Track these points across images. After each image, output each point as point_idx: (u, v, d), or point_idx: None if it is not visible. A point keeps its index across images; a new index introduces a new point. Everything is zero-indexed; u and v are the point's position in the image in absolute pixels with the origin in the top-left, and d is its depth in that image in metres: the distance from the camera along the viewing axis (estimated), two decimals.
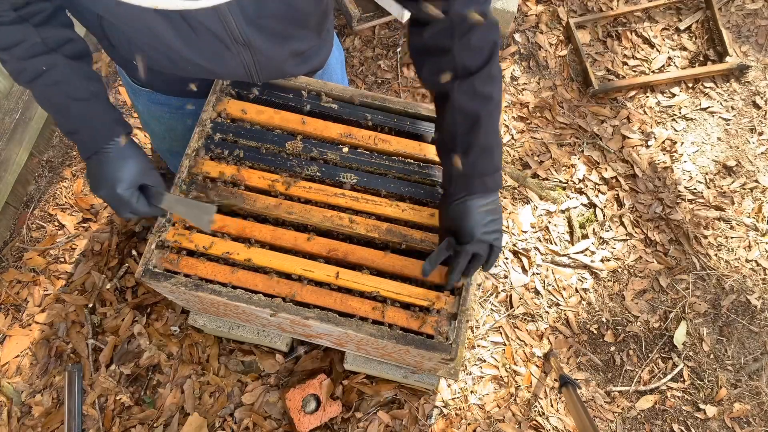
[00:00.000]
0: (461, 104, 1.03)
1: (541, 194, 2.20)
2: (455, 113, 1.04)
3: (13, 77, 1.04)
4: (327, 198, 1.23)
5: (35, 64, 1.00)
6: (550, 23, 2.52)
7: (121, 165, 1.07)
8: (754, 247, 2.15)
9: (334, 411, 1.78)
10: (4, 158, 1.98)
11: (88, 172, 1.10)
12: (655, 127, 2.33)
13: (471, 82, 1.01)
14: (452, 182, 1.08)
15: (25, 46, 0.98)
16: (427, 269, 1.10)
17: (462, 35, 0.99)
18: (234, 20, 0.98)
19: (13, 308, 1.95)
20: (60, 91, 1.03)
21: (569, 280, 2.08)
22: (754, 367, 1.99)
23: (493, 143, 1.05)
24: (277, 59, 1.15)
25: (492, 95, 1.03)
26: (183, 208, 1.15)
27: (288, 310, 1.14)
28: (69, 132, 1.08)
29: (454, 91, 1.03)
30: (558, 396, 1.91)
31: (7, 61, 1.01)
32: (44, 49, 1.00)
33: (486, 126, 1.03)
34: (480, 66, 1.01)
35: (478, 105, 1.02)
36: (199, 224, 1.14)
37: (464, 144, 1.04)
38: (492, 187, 1.06)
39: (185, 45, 1.01)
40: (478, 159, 1.04)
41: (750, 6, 2.55)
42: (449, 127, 1.06)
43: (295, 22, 1.08)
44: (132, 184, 1.08)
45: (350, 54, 2.41)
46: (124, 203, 1.08)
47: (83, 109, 1.05)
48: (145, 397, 1.85)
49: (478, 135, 1.03)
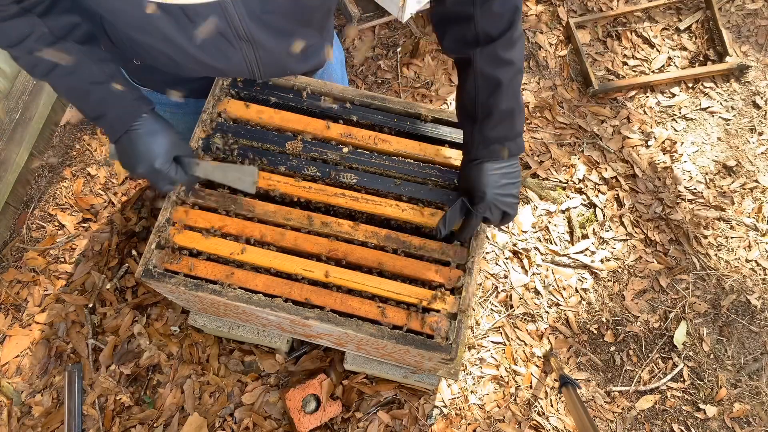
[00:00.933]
0: (483, 70, 1.03)
1: (541, 194, 2.20)
2: (477, 79, 1.04)
3: (28, 72, 1.04)
4: (327, 198, 1.23)
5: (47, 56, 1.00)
6: (550, 23, 2.52)
7: (153, 140, 1.08)
8: (754, 247, 2.15)
9: (334, 411, 1.78)
10: (4, 158, 1.98)
11: (120, 152, 1.10)
12: (655, 127, 2.33)
13: (493, 48, 1.02)
14: (472, 147, 1.09)
15: (33, 38, 0.97)
16: (441, 230, 1.13)
17: (483, 2, 1.00)
18: (237, 16, 0.98)
19: (13, 308, 1.95)
20: (78, 78, 1.03)
21: (569, 280, 2.08)
22: (754, 367, 1.99)
23: (515, 108, 1.06)
24: (279, 56, 1.15)
25: (513, 60, 1.03)
26: (222, 173, 1.16)
27: (288, 310, 1.14)
28: (94, 118, 1.08)
29: (476, 58, 1.03)
30: (558, 396, 1.91)
31: (19, 57, 1.01)
32: (53, 39, 0.99)
33: (507, 91, 1.04)
34: (502, 32, 1.01)
35: (500, 71, 1.03)
36: (242, 187, 1.15)
37: (485, 109, 1.05)
38: (513, 151, 1.07)
39: (187, 41, 1.01)
40: (499, 124, 1.05)
41: (750, 6, 2.55)
42: (471, 92, 1.06)
43: (299, 18, 1.08)
44: (168, 156, 1.09)
45: (350, 54, 2.42)
46: (163, 176, 1.09)
47: (104, 92, 1.05)
48: (145, 397, 1.85)
49: (500, 100, 1.04)
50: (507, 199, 1.08)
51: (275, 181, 1.23)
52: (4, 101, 1.99)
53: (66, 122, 2.23)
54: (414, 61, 2.41)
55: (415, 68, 2.40)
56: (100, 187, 2.12)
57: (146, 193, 2.11)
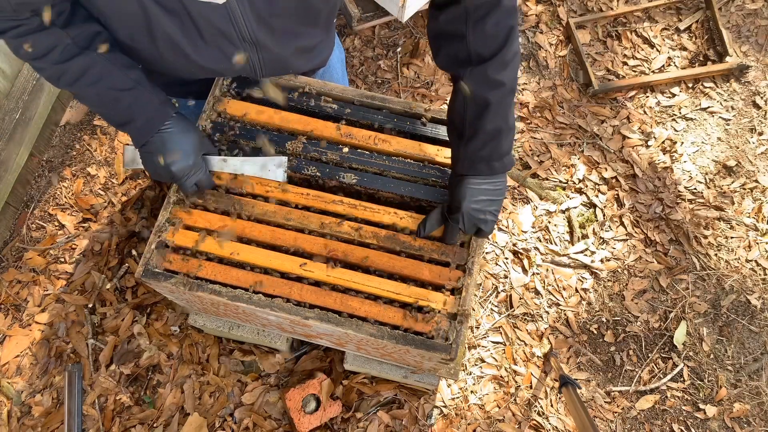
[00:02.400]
0: (472, 90, 1.03)
1: (541, 194, 2.20)
2: (466, 98, 1.04)
3: (52, 82, 1.05)
4: (325, 205, 1.22)
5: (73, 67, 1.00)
6: (550, 23, 2.52)
7: (184, 138, 1.10)
8: (754, 247, 2.15)
9: (334, 411, 1.78)
10: (4, 158, 1.98)
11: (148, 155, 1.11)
12: (655, 127, 2.33)
13: (484, 68, 1.01)
14: (458, 162, 1.10)
15: (59, 50, 0.98)
16: (421, 231, 1.18)
17: (476, 21, 0.99)
18: (243, 18, 0.97)
19: (13, 308, 1.95)
20: (105, 86, 1.04)
21: (569, 280, 2.08)
22: (754, 367, 1.99)
23: (503, 128, 1.05)
24: (282, 56, 1.16)
25: (504, 82, 1.02)
26: (250, 166, 1.18)
27: (288, 310, 1.14)
28: (121, 123, 1.09)
29: (466, 77, 1.03)
30: (558, 396, 1.91)
31: (44, 68, 1.01)
32: (77, 50, 0.99)
33: (495, 112, 1.03)
34: (494, 53, 1.00)
35: (490, 92, 1.02)
36: (273, 177, 1.17)
37: (472, 129, 1.05)
38: (498, 169, 1.07)
39: (189, 43, 1.01)
40: (485, 144, 1.05)
41: (750, 6, 2.55)
42: (459, 111, 1.06)
43: (305, 19, 1.07)
44: (198, 154, 1.12)
45: (350, 54, 2.41)
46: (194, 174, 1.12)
47: (132, 98, 1.05)
48: (145, 397, 1.85)
49: (487, 121, 1.03)
50: (482, 215, 1.09)
51: (272, 188, 1.23)
52: (4, 101, 1.99)
53: (66, 122, 2.23)
54: (414, 61, 2.41)
55: (415, 68, 2.40)
56: (100, 187, 2.12)
57: (146, 193, 2.11)
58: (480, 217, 1.09)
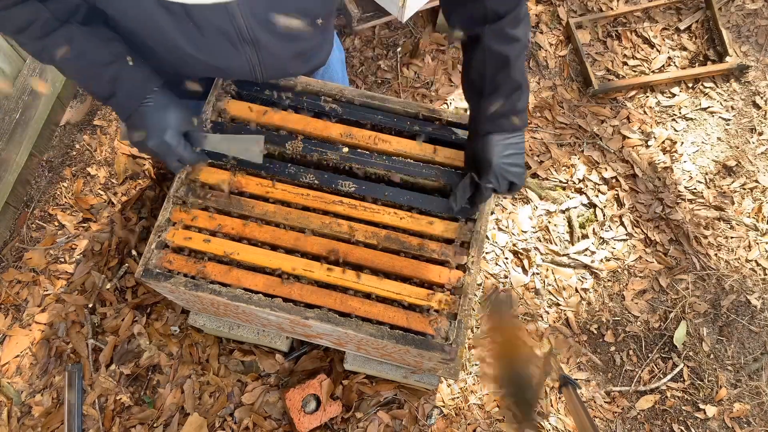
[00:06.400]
0: (491, 46, 1.06)
1: (541, 194, 2.20)
2: (485, 55, 1.07)
3: (36, 57, 1.04)
4: (325, 206, 1.22)
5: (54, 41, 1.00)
6: (550, 23, 2.52)
7: (164, 114, 1.09)
8: (754, 247, 2.15)
9: (334, 411, 1.78)
10: (4, 158, 1.98)
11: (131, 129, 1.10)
12: (655, 127, 2.33)
13: (500, 25, 1.04)
14: (480, 120, 1.11)
15: (38, 24, 0.97)
16: (454, 207, 1.18)
17: None
18: (243, 18, 0.98)
19: (13, 308, 1.95)
20: (86, 61, 1.03)
21: (569, 280, 2.08)
22: (754, 367, 1.99)
23: (522, 83, 1.08)
24: (282, 58, 1.16)
25: (520, 37, 1.06)
26: (228, 144, 1.17)
27: (288, 310, 1.14)
28: (105, 97, 1.08)
29: (485, 35, 1.06)
30: (558, 396, 1.91)
31: (26, 43, 1.01)
32: (57, 23, 0.99)
33: (514, 66, 1.06)
34: (509, 10, 1.04)
35: (508, 47, 1.05)
36: (249, 157, 1.16)
37: (493, 85, 1.08)
38: (518, 125, 1.10)
39: (189, 42, 1.01)
40: (506, 98, 1.08)
41: (750, 6, 2.55)
42: (479, 69, 1.09)
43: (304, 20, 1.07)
44: (178, 129, 1.10)
45: (350, 54, 2.41)
46: (172, 150, 1.10)
47: (114, 72, 1.05)
48: (145, 397, 1.85)
49: (507, 75, 1.07)
50: (513, 168, 1.11)
51: (273, 188, 1.23)
52: (4, 101, 1.99)
53: (66, 122, 2.23)
54: (414, 61, 2.41)
55: (415, 68, 2.40)
56: (100, 187, 2.12)
57: (146, 193, 2.11)
58: (512, 170, 1.11)
